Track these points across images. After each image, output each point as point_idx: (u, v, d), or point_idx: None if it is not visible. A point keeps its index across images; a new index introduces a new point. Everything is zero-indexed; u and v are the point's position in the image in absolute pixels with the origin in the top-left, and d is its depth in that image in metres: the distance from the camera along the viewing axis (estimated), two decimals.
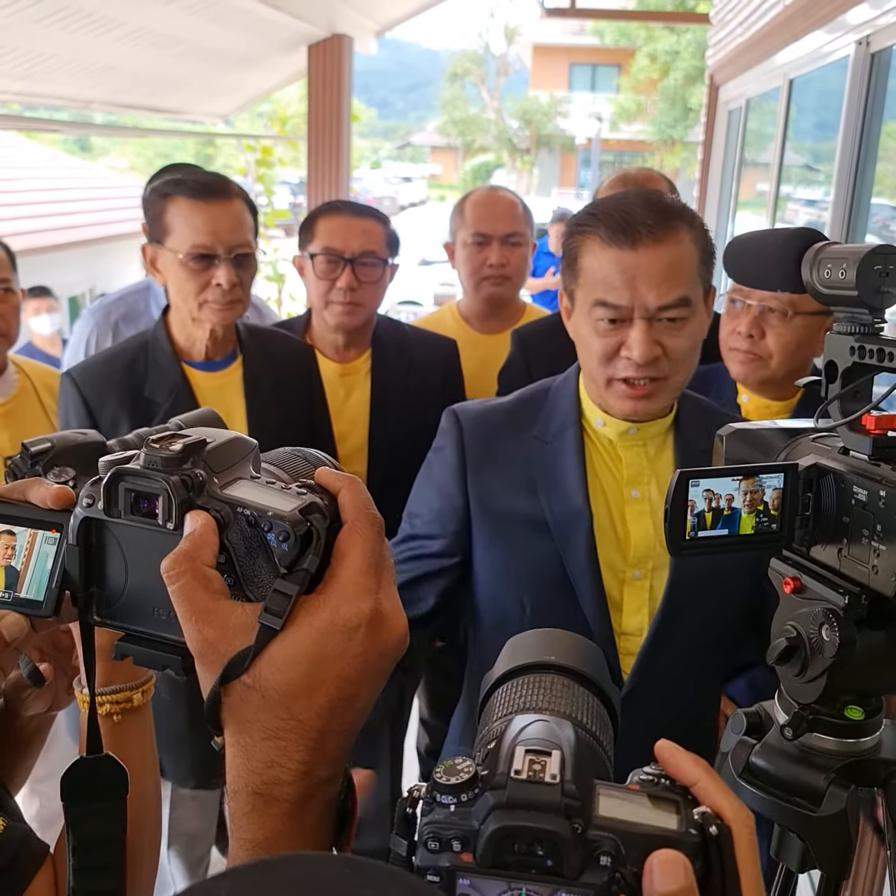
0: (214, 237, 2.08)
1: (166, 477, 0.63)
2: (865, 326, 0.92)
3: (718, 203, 7.48)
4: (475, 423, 1.66)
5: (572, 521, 1.57)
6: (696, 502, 0.93)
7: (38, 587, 0.72)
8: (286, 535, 0.61)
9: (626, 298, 1.48)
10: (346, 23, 6.82)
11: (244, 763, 0.61)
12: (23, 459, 0.78)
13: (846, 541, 0.93)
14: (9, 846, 0.75)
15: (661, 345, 1.50)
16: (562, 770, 0.54)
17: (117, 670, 0.85)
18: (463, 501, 1.64)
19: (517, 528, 1.61)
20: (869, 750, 1.00)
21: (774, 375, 2.09)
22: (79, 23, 4.97)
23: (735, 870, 0.54)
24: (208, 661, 0.61)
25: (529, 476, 1.61)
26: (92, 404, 2.13)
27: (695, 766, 0.58)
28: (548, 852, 0.52)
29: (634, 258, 1.47)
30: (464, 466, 1.64)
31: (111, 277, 9.99)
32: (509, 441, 1.64)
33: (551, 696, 0.67)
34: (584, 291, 1.54)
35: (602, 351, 1.52)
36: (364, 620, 0.61)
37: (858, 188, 3.98)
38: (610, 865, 0.52)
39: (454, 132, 40.86)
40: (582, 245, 1.54)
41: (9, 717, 0.93)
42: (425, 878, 0.54)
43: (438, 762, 0.57)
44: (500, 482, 1.62)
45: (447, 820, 0.54)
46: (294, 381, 2.33)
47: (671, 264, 1.48)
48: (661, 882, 0.51)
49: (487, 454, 1.64)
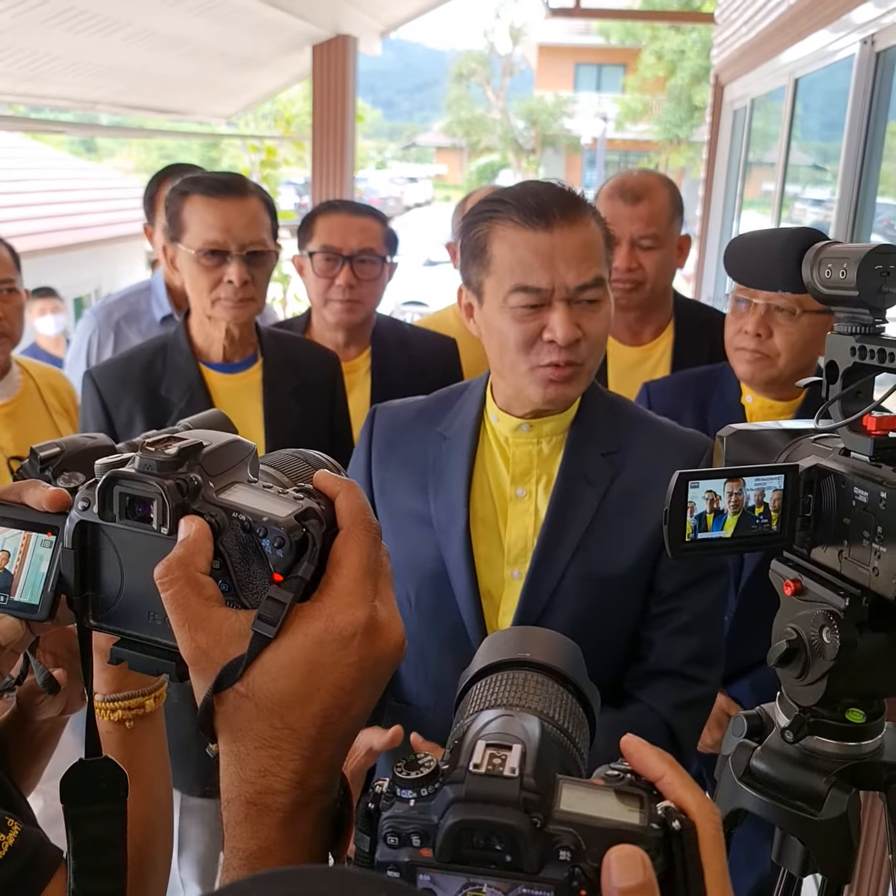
0: (227, 234, 2.08)
1: (161, 481, 0.62)
2: (866, 327, 0.92)
3: (724, 202, 7.47)
4: (386, 421, 1.70)
5: (450, 517, 1.58)
6: (697, 504, 0.93)
7: (34, 590, 0.72)
8: (281, 541, 0.61)
9: (546, 280, 1.46)
10: (351, 23, 6.82)
11: (237, 772, 0.60)
12: (32, 465, 0.78)
13: (847, 542, 0.93)
14: (23, 852, 0.75)
15: (580, 327, 1.48)
16: (521, 764, 0.53)
17: (129, 676, 0.85)
18: (369, 495, 1.67)
19: (407, 523, 1.62)
20: (870, 753, 1.00)
21: (781, 374, 2.08)
22: (84, 24, 4.98)
23: (698, 865, 0.53)
24: (201, 668, 0.61)
25: (424, 473, 1.63)
26: (108, 402, 2.14)
27: (660, 761, 0.58)
28: (506, 847, 0.51)
29: (550, 239, 1.46)
30: (369, 462, 1.68)
31: (117, 278, 10.00)
32: (414, 438, 1.66)
33: (523, 693, 0.66)
34: (497, 279, 1.50)
35: (522, 338, 1.49)
36: (359, 629, 0.60)
37: (863, 187, 3.96)
38: (570, 860, 0.51)
39: (459, 132, 40.84)
40: (491, 232, 1.51)
41: (22, 721, 0.93)
42: (385, 873, 0.53)
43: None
44: (397, 478, 1.65)
45: (407, 814, 0.54)
46: (316, 386, 2.33)
47: (585, 245, 1.48)
48: (619, 878, 0.50)
49: (390, 450, 1.67)
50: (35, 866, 0.76)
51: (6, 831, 0.74)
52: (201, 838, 2.42)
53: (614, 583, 1.52)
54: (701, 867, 0.53)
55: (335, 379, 2.40)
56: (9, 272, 2.44)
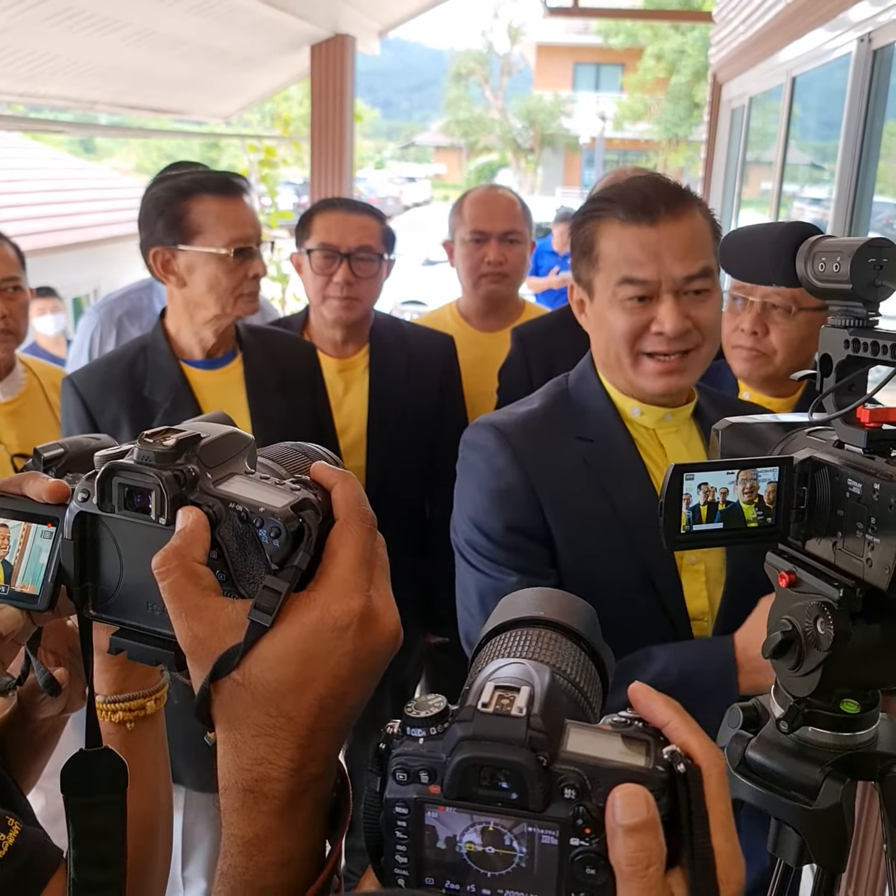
0: (251, 229, 2.15)
1: (159, 472, 0.63)
2: (860, 320, 0.92)
3: (722, 202, 7.47)
4: (513, 431, 1.59)
5: (650, 515, 1.54)
6: (692, 496, 0.93)
7: (34, 581, 0.73)
8: (277, 531, 0.61)
9: (653, 272, 1.49)
10: (349, 23, 6.81)
11: (234, 760, 0.61)
12: (35, 465, 0.78)
13: (841, 534, 0.94)
14: (23, 852, 0.75)
15: (690, 317, 1.51)
16: (529, 705, 0.54)
17: (130, 678, 0.86)
18: (539, 515, 1.56)
19: (590, 530, 1.55)
20: (865, 743, 1.01)
21: (778, 372, 2.08)
22: (82, 24, 4.98)
23: (703, 808, 0.54)
24: (198, 657, 0.61)
25: (587, 477, 1.56)
26: (91, 407, 2.14)
27: (666, 706, 0.58)
28: (512, 785, 0.52)
29: (655, 234, 1.49)
30: (527, 477, 1.55)
31: (116, 278, 9.97)
32: (557, 446, 1.59)
33: (536, 647, 0.67)
34: (606, 275, 1.53)
35: (630, 328, 1.52)
36: (355, 618, 0.61)
37: (861, 186, 3.97)
38: (574, 799, 0.52)
39: (458, 132, 40.80)
40: (598, 230, 1.54)
41: (23, 719, 0.93)
42: (394, 809, 0.54)
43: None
44: (562, 486, 1.56)
45: (416, 752, 0.54)
46: (299, 378, 2.35)
47: (691, 237, 1.51)
48: (623, 815, 0.51)
49: (540, 461, 1.57)
50: (35, 866, 0.76)
51: (6, 831, 0.74)
52: (207, 836, 2.43)
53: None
54: (705, 810, 0.54)
55: (314, 370, 2.42)
56: (13, 270, 2.45)
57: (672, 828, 0.53)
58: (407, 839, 0.54)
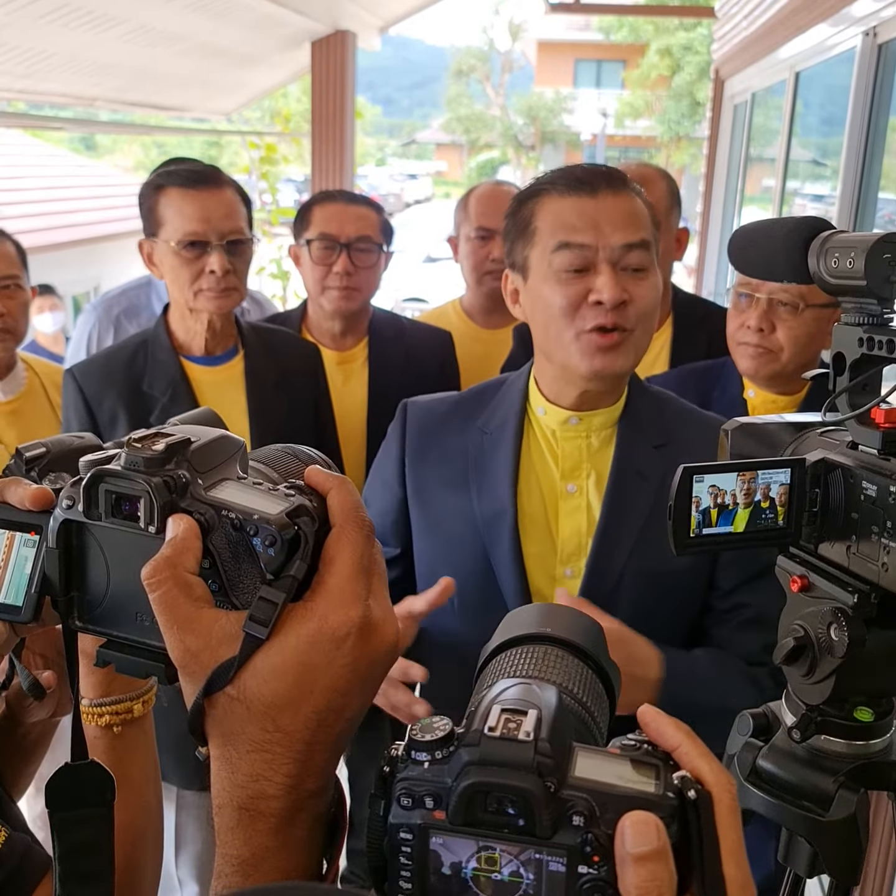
0: (206, 224, 2.09)
1: (148, 478, 0.60)
2: (874, 317, 0.89)
3: (724, 198, 7.44)
4: (420, 414, 1.66)
5: (497, 514, 1.53)
6: (702, 499, 0.91)
7: (17, 592, 0.70)
8: (272, 539, 0.59)
9: (590, 237, 1.45)
10: (350, 19, 6.78)
11: (229, 777, 0.59)
12: (17, 465, 0.75)
13: (855, 537, 0.91)
14: (10, 858, 0.74)
15: (627, 292, 1.46)
16: (537, 729, 0.53)
17: (117, 681, 0.84)
18: (402, 492, 1.64)
19: (448, 521, 1.58)
20: (879, 752, 0.98)
21: (784, 369, 2.06)
22: (79, 20, 4.96)
23: (714, 835, 0.52)
24: (191, 671, 0.59)
25: (464, 468, 1.58)
26: (90, 400, 2.14)
27: (676, 730, 0.56)
28: (519, 811, 0.51)
29: (594, 204, 1.46)
30: (402, 457, 1.64)
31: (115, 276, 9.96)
32: (452, 433, 1.62)
33: (542, 665, 0.66)
34: (542, 247, 1.49)
35: (567, 301, 1.46)
36: (353, 629, 0.59)
37: (865, 182, 3.94)
38: (583, 826, 0.51)
39: (459, 129, 40.77)
40: (536, 206, 1.50)
41: (11, 724, 0.92)
42: (398, 834, 0.53)
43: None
44: (435, 474, 1.61)
45: (421, 776, 0.53)
46: (299, 379, 2.33)
47: (631, 211, 1.48)
48: (633, 843, 0.50)
49: (427, 446, 1.63)
50: (23, 872, 0.75)
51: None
52: (198, 835, 2.40)
53: (674, 579, 1.49)
54: (716, 837, 0.52)
55: (318, 371, 2.40)
56: (13, 268, 2.42)
57: (682, 855, 0.51)
58: (411, 864, 0.53)
